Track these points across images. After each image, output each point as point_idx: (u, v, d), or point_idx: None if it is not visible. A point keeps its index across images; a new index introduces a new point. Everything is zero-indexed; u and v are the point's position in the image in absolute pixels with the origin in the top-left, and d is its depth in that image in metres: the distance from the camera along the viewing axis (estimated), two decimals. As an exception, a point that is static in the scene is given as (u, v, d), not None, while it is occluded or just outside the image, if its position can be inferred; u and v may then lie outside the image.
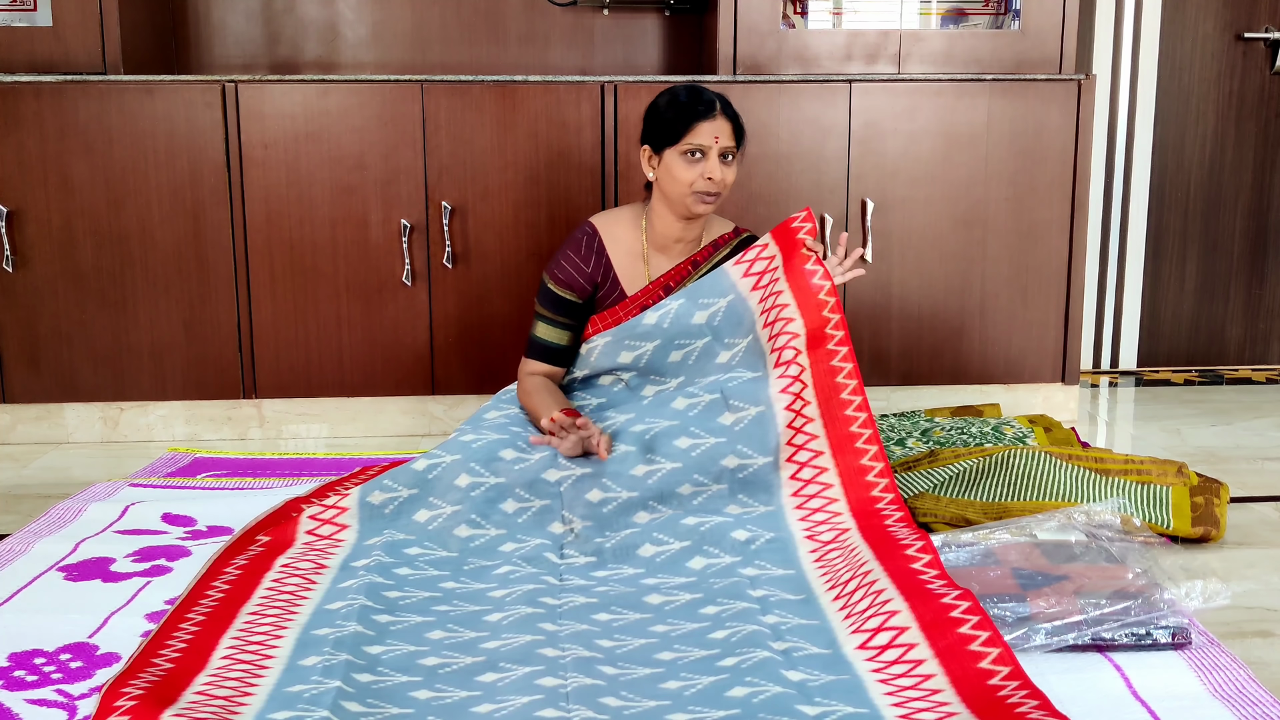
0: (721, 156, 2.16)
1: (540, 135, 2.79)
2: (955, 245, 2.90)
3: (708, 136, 2.14)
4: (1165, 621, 1.62)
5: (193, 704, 1.41)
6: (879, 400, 2.97)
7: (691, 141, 2.14)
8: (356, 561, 1.91)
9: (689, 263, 2.30)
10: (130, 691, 1.40)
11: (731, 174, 2.19)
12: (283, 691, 1.47)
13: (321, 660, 1.54)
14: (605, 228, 2.30)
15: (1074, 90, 2.87)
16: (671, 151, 2.17)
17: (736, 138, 2.19)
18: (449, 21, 3.28)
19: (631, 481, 2.03)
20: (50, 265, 2.76)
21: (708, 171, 2.15)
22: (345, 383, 2.85)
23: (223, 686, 1.48)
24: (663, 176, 2.20)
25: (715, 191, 2.17)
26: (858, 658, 1.57)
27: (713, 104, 2.16)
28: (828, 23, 2.96)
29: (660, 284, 2.28)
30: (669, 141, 2.17)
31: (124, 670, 1.48)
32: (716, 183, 2.16)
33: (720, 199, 2.20)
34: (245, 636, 1.63)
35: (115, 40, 2.77)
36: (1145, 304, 3.71)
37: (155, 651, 1.56)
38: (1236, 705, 1.46)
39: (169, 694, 1.43)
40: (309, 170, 2.76)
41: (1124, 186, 3.64)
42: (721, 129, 2.15)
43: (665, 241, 2.28)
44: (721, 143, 2.15)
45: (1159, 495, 2.21)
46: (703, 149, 2.15)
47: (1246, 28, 3.57)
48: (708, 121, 2.15)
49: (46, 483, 2.53)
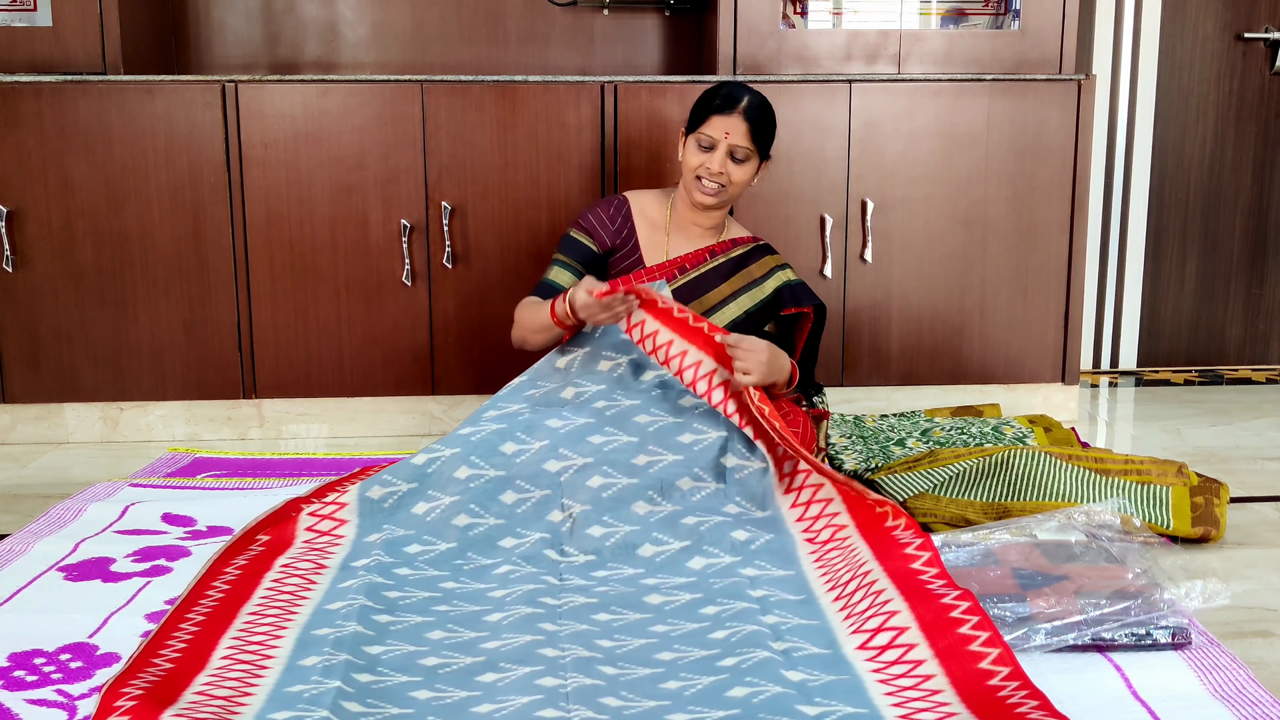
0: (732, 155, 2.26)
1: (540, 135, 2.79)
2: (955, 245, 2.90)
3: (719, 130, 2.25)
4: (1165, 621, 1.62)
5: (193, 704, 1.41)
6: (879, 400, 2.97)
7: (704, 132, 2.27)
8: (356, 561, 1.91)
9: (706, 251, 2.40)
10: (130, 692, 1.40)
11: (740, 173, 2.28)
12: (282, 691, 1.47)
13: (321, 660, 1.54)
14: (635, 199, 2.44)
15: (1074, 90, 2.87)
16: (690, 138, 2.30)
17: (755, 140, 2.26)
18: (449, 21, 3.28)
19: (632, 469, 2.04)
20: (50, 265, 2.76)
21: (709, 161, 2.25)
22: (345, 383, 2.85)
23: (222, 686, 1.48)
24: (683, 160, 2.32)
25: (717, 183, 2.27)
26: (858, 658, 1.57)
27: (734, 101, 2.25)
28: (828, 23, 2.96)
29: (677, 264, 2.38)
30: (691, 128, 2.30)
31: (123, 670, 1.48)
32: (714, 174, 2.26)
33: (727, 195, 2.30)
34: (245, 637, 1.63)
35: (115, 40, 2.77)
36: (1145, 304, 3.71)
37: (155, 652, 1.56)
38: (1236, 705, 1.46)
39: (169, 694, 1.43)
40: (309, 170, 2.76)
41: (1124, 186, 3.64)
42: (734, 127, 2.24)
43: (686, 223, 2.40)
44: (731, 140, 2.24)
45: (1159, 495, 2.21)
46: (713, 142, 2.26)
47: (1246, 28, 3.57)
48: (722, 117, 2.25)
49: (46, 483, 2.53)
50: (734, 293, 2.39)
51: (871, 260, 2.87)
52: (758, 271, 2.40)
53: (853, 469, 2.45)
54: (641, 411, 2.13)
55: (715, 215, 2.38)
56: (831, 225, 2.86)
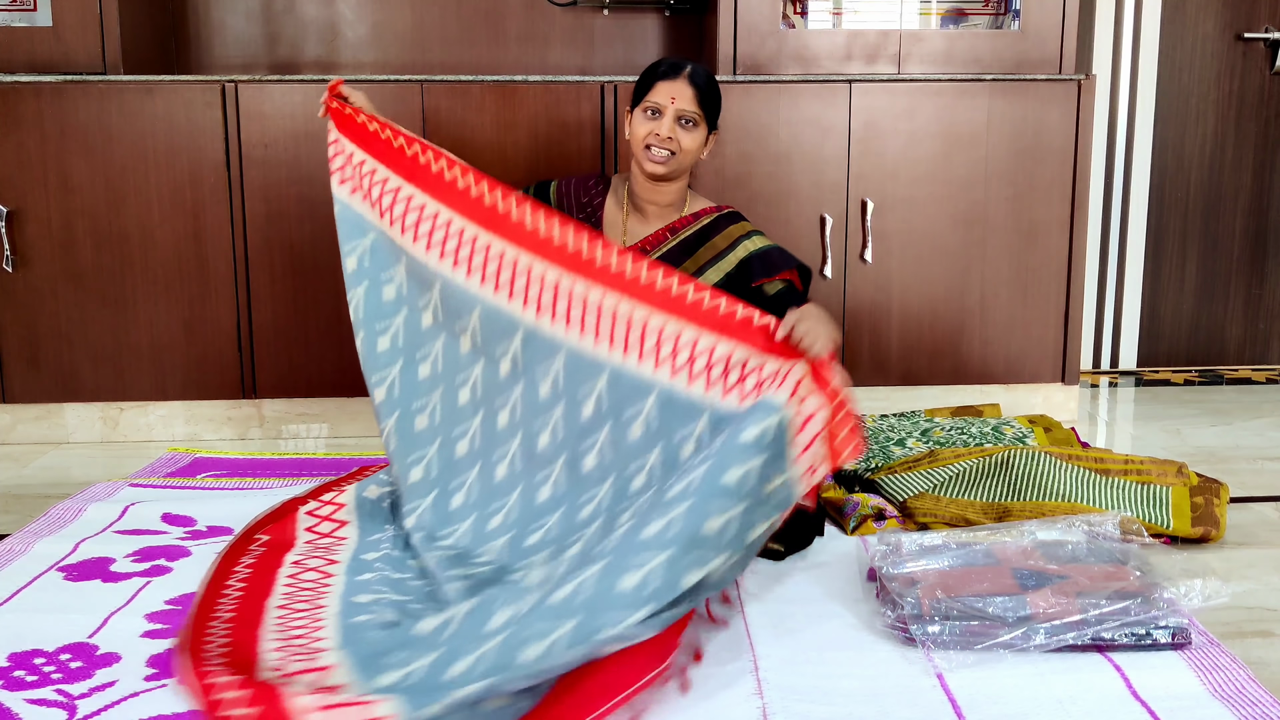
0: (680, 121, 2.18)
1: (540, 135, 2.79)
2: (955, 245, 2.90)
3: (664, 96, 2.17)
4: (1165, 621, 1.62)
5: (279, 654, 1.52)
6: (879, 400, 2.97)
7: (650, 99, 2.19)
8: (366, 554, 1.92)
9: (666, 229, 2.28)
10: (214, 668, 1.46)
11: (689, 139, 2.19)
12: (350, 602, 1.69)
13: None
14: (615, 181, 2.37)
15: (1074, 90, 2.87)
16: (636, 110, 2.22)
17: (702, 106, 2.19)
18: (449, 21, 3.28)
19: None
20: (50, 265, 2.76)
21: (658, 128, 2.17)
22: (345, 383, 2.85)
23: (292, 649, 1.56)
24: (630, 134, 2.24)
25: (667, 149, 2.18)
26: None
27: (679, 68, 2.19)
28: (828, 23, 2.96)
29: (635, 248, 2.27)
30: (636, 101, 2.22)
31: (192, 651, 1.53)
32: (663, 139, 2.17)
33: (677, 164, 2.20)
34: (285, 623, 1.67)
35: (115, 40, 2.77)
36: (1145, 304, 3.71)
37: (201, 646, 1.57)
38: (1236, 705, 1.46)
39: (249, 657, 1.52)
40: (309, 170, 2.76)
41: (1124, 186, 3.64)
42: (680, 91, 2.17)
43: (641, 203, 2.30)
44: (678, 105, 2.16)
45: (1159, 495, 2.21)
46: (659, 107, 2.18)
47: (1246, 28, 3.57)
48: (667, 82, 2.18)
49: (46, 483, 2.53)
50: (703, 265, 2.23)
51: (871, 260, 2.87)
52: (722, 243, 2.24)
53: (853, 469, 2.45)
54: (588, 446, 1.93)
55: (670, 190, 2.26)
56: (831, 225, 2.86)
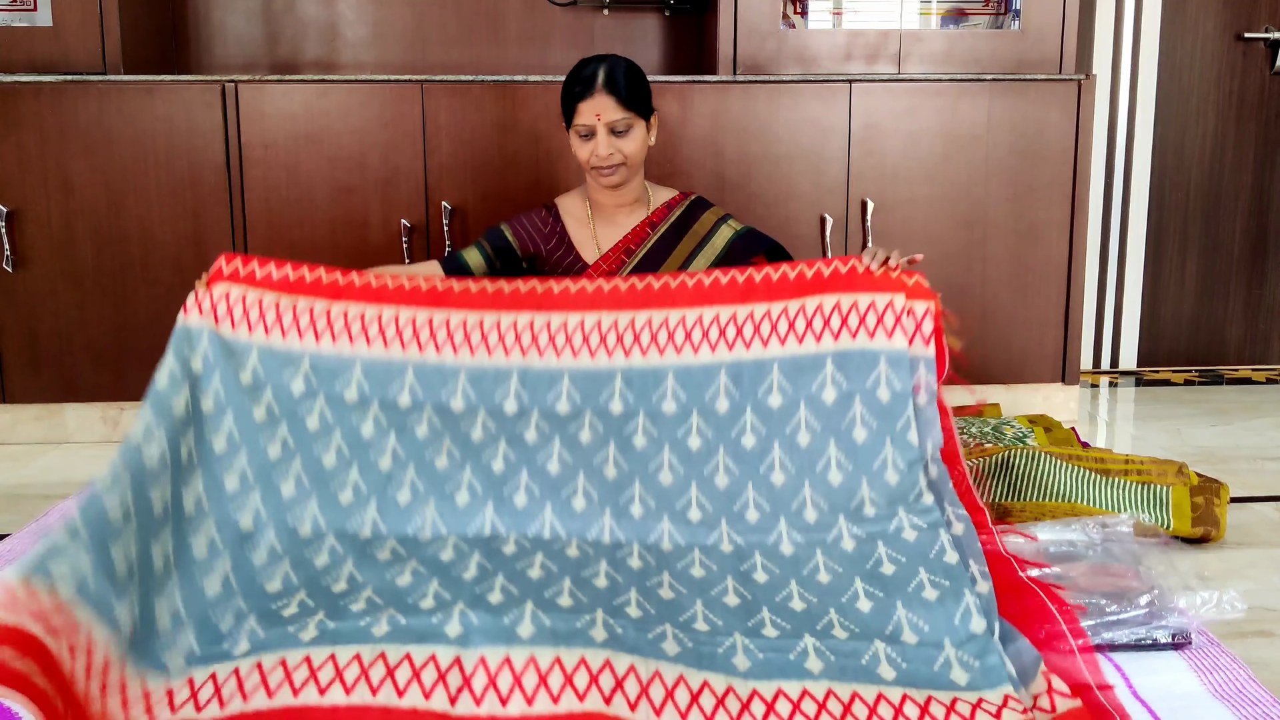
0: (613, 131, 2.17)
1: (541, 135, 2.79)
2: (955, 245, 2.90)
3: (589, 116, 2.15)
4: (1166, 622, 1.62)
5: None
6: (879, 400, 2.96)
7: (577, 123, 2.18)
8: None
9: (646, 224, 2.31)
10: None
11: (630, 144, 2.18)
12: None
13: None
14: (561, 202, 2.37)
15: (1074, 90, 2.87)
16: (570, 132, 2.21)
17: (628, 107, 2.16)
18: (449, 21, 3.28)
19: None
20: (50, 265, 2.76)
21: (595, 148, 2.16)
22: (345, 383, 2.85)
23: None
24: (574, 154, 2.23)
25: (611, 165, 2.18)
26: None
27: (591, 81, 2.15)
28: (828, 23, 2.96)
29: (620, 248, 2.29)
30: (568, 123, 2.21)
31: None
32: (604, 158, 2.17)
33: (628, 169, 2.21)
34: None
35: (115, 40, 2.77)
36: (1145, 304, 3.71)
37: None
38: (1236, 705, 1.46)
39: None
40: (309, 170, 2.76)
41: (1124, 186, 3.64)
42: (602, 105, 2.14)
43: (607, 210, 2.31)
44: (605, 118, 2.15)
45: (1159, 495, 2.21)
46: (589, 129, 2.17)
47: (1246, 28, 3.57)
48: (586, 101, 2.15)
49: (47, 483, 2.53)
50: (689, 255, 2.30)
51: (871, 260, 2.87)
52: (702, 230, 2.32)
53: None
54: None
55: (629, 191, 2.29)
56: (831, 225, 2.86)
